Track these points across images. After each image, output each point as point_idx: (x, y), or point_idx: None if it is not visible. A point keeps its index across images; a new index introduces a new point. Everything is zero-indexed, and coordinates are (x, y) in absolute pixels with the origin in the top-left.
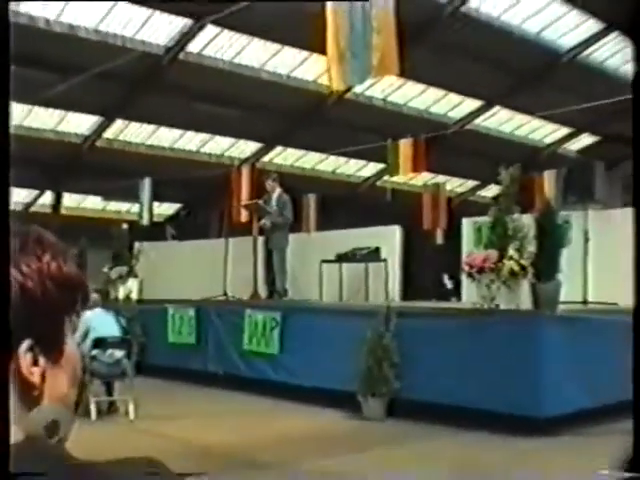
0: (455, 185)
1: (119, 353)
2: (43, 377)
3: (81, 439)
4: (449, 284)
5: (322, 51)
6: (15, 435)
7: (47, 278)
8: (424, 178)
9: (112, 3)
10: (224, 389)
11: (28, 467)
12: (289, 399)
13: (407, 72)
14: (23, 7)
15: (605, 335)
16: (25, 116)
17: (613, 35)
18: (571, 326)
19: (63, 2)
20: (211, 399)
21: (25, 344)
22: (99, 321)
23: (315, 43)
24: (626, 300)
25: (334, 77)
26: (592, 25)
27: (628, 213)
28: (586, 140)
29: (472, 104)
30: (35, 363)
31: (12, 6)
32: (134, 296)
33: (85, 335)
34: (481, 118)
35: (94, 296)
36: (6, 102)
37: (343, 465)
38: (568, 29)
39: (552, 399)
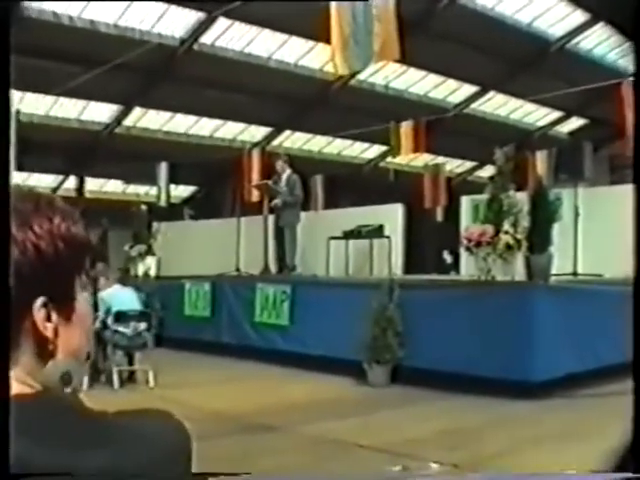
0: (454, 166)
1: (140, 325)
2: (56, 332)
3: (105, 405)
4: (449, 259)
5: (327, 40)
6: (33, 387)
7: (58, 238)
8: (425, 159)
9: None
10: (237, 359)
11: (46, 417)
12: (298, 367)
13: (408, 59)
14: (47, 5)
15: (592, 304)
16: (51, 106)
17: (599, 25)
18: (562, 295)
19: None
20: (225, 368)
21: (39, 301)
22: (118, 296)
23: (321, 33)
24: (612, 271)
25: (339, 63)
26: (579, 16)
27: (615, 190)
28: (575, 123)
29: (469, 89)
30: (48, 319)
31: (37, 5)
32: (152, 273)
33: (108, 310)
34: (478, 102)
35: (116, 273)
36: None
37: (348, 428)
38: (557, 19)
39: (544, 364)
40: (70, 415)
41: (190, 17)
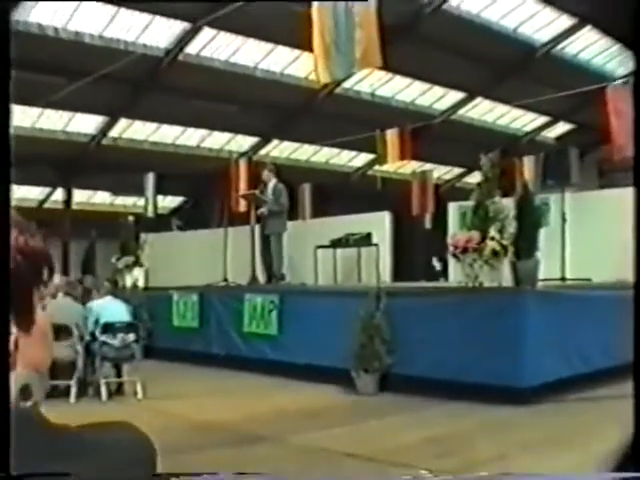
0: (442, 172)
1: (128, 337)
2: (16, 344)
3: (93, 417)
4: (438, 266)
5: (312, 49)
6: None
7: (16, 252)
8: (412, 166)
9: (114, 10)
10: (226, 369)
11: None
12: (287, 377)
13: (393, 67)
14: (33, 17)
15: (580, 308)
16: (37, 118)
17: (584, 30)
18: (549, 301)
19: (68, 10)
20: (214, 379)
21: None
22: (108, 308)
23: (305, 41)
24: (600, 276)
25: (320, 71)
26: (565, 21)
27: (602, 195)
28: (562, 128)
29: (455, 96)
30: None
31: (22, 16)
32: (140, 284)
33: (96, 322)
34: (464, 109)
35: (105, 284)
36: (7, 102)
37: (336, 437)
38: (542, 25)
39: (533, 370)
40: (31, 428)
41: (175, 27)
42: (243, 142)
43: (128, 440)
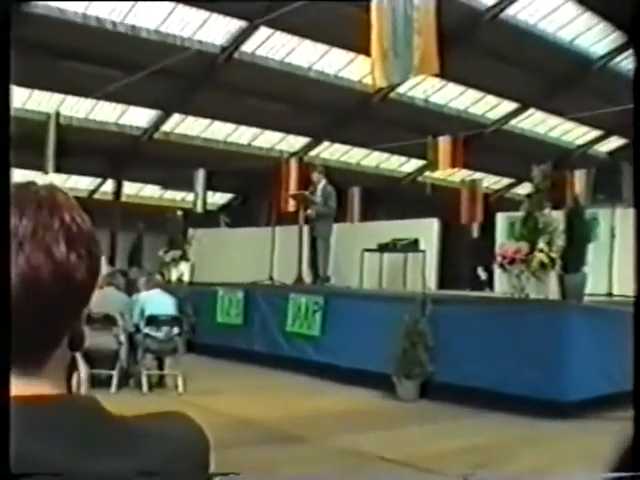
0: (492, 182)
1: (171, 330)
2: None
3: (133, 408)
4: (483, 275)
5: (368, 52)
6: (52, 389)
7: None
8: (462, 175)
9: (172, 5)
10: (267, 368)
11: (64, 419)
12: (328, 379)
13: (448, 74)
14: (91, 10)
15: (625, 325)
16: (91, 109)
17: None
18: (594, 316)
19: (127, 4)
20: (255, 376)
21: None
22: (155, 301)
23: (361, 44)
24: None
25: (377, 75)
26: (621, 35)
27: None
28: (615, 142)
29: (508, 106)
30: None
31: (81, 9)
32: (186, 278)
33: (141, 313)
34: (517, 119)
35: (155, 277)
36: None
37: (373, 441)
38: (598, 38)
39: (575, 384)
40: (89, 417)
41: (231, 25)
42: (294, 142)
43: (183, 430)
